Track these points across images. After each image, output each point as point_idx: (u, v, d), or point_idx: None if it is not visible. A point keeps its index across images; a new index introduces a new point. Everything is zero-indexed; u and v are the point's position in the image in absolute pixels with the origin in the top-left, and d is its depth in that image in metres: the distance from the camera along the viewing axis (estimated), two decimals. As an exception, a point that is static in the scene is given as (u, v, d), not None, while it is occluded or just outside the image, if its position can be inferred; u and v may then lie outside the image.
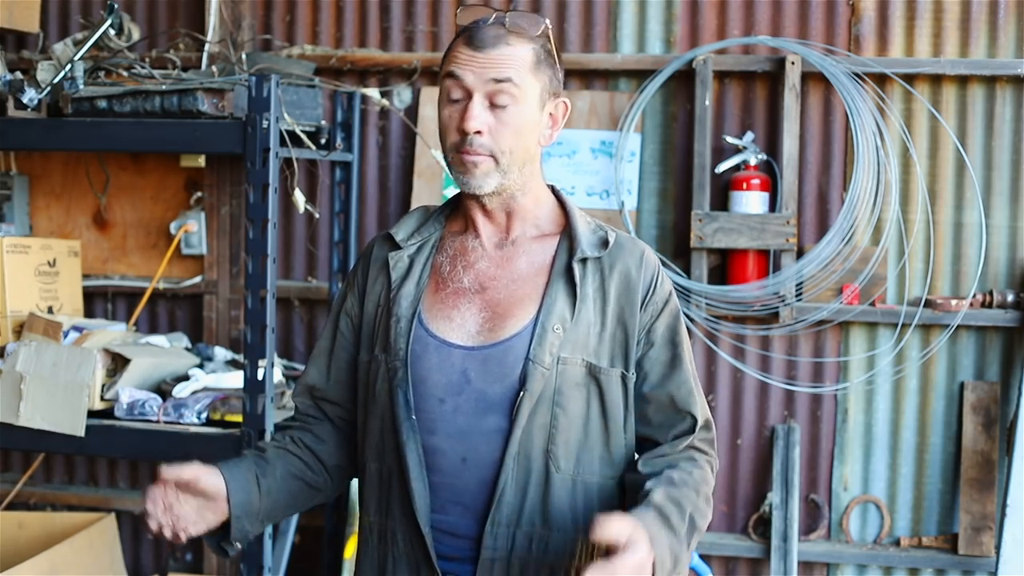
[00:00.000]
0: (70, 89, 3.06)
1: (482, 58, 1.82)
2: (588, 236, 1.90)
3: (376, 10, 3.73)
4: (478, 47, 1.82)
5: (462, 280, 1.90)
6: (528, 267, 1.90)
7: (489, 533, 1.82)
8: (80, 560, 3.52)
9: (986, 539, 3.43)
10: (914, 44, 3.47)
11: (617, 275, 1.88)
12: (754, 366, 3.54)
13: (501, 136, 1.83)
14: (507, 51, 1.82)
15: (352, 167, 3.67)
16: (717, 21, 3.55)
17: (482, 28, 1.84)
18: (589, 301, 1.86)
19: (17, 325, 3.33)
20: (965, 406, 3.46)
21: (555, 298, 1.85)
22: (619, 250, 1.90)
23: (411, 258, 1.95)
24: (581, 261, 1.87)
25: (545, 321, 1.84)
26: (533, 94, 1.85)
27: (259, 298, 2.95)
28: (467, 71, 1.82)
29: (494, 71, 1.81)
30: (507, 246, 1.92)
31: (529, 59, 1.84)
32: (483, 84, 1.82)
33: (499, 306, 1.87)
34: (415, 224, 1.99)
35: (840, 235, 3.39)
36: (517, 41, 1.83)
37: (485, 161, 1.84)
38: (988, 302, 3.42)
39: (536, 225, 1.93)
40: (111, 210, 3.86)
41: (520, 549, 1.83)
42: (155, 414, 3.07)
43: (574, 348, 1.83)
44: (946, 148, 3.47)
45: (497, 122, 1.83)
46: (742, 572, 3.61)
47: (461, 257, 1.93)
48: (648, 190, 3.60)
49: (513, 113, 1.83)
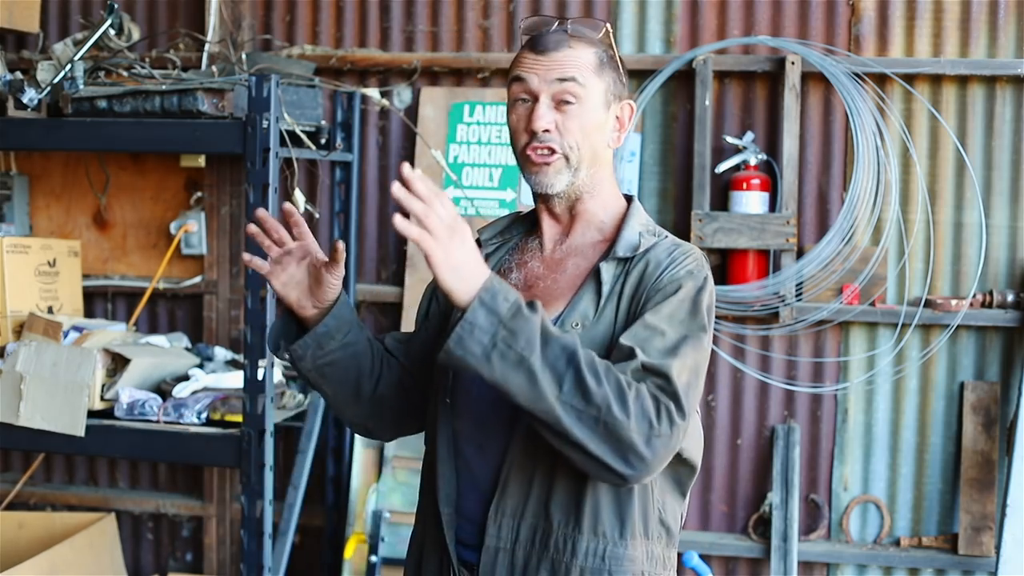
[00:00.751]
0: (70, 89, 3.06)
1: (546, 61, 1.88)
2: (628, 239, 1.91)
3: (376, 10, 3.73)
4: (541, 51, 1.88)
5: (511, 277, 1.95)
6: (574, 269, 1.93)
7: (492, 522, 1.84)
8: (80, 560, 3.52)
9: (986, 539, 3.43)
10: (914, 44, 3.47)
11: (635, 272, 1.88)
12: (754, 366, 3.54)
13: (568, 132, 1.87)
14: (570, 53, 1.88)
15: (352, 167, 3.67)
16: (717, 21, 3.55)
17: (545, 34, 1.90)
18: (614, 300, 1.87)
19: (17, 325, 3.34)
20: (965, 406, 3.46)
21: (582, 297, 1.88)
22: (650, 252, 1.90)
23: (487, 256, 2.01)
24: (613, 261, 1.88)
25: (566, 318, 1.86)
26: (597, 95, 1.89)
27: (259, 298, 2.95)
28: (532, 74, 1.88)
29: (558, 71, 1.87)
30: (563, 248, 1.95)
31: (592, 61, 1.89)
32: (548, 85, 1.87)
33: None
34: (501, 226, 2.05)
35: (840, 235, 3.39)
36: (579, 45, 1.89)
37: (556, 160, 1.88)
38: (988, 302, 3.42)
39: (599, 230, 1.95)
40: (111, 210, 3.86)
41: (524, 541, 1.84)
42: (155, 414, 3.08)
43: (592, 346, 1.82)
44: (946, 148, 3.47)
45: (564, 119, 1.87)
46: (742, 572, 3.61)
47: (519, 256, 1.98)
48: (648, 190, 3.60)
49: (578, 112, 1.87)
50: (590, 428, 1.69)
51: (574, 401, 1.68)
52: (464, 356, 1.67)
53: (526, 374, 1.67)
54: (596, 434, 1.69)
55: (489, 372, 1.68)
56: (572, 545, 1.82)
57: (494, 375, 1.68)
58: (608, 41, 1.93)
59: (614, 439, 1.69)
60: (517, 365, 1.67)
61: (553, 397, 1.68)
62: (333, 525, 3.71)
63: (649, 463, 1.71)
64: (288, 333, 1.96)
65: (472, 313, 1.66)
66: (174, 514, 3.90)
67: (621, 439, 1.69)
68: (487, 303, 1.67)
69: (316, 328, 1.91)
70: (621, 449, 1.69)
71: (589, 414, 1.68)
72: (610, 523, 1.84)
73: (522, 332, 1.67)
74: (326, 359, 1.93)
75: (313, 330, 1.91)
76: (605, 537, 1.83)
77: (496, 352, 1.67)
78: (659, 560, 1.90)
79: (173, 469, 3.92)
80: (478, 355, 1.67)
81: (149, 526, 3.94)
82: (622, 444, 1.69)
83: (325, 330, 1.91)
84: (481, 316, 1.66)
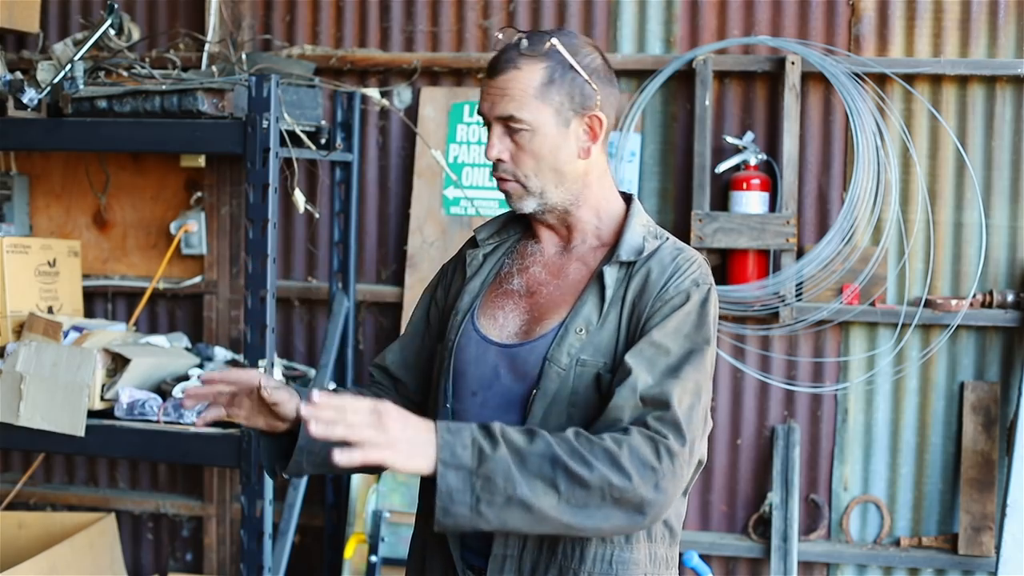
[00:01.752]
0: (70, 89, 3.06)
1: (493, 86, 1.86)
2: (631, 243, 1.89)
3: (376, 10, 3.73)
4: (490, 75, 1.87)
5: (513, 282, 1.94)
6: (576, 274, 1.92)
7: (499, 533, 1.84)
8: (80, 560, 3.52)
9: (986, 539, 3.43)
10: (914, 44, 3.47)
11: (638, 278, 1.86)
12: (754, 366, 3.54)
13: (521, 162, 1.87)
14: (513, 76, 1.84)
15: (352, 167, 3.67)
16: (717, 21, 3.55)
17: (498, 55, 1.87)
18: (617, 305, 1.86)
19: (17, 325, 3.34)
20: (965, 406, 3.46)
21: (586, 301, 1.87)
22: (654, 256, 1.88)
23: (485, 256, 2.00)
24: (616, 265, 1.87)
25: (570, 323, 1.85)
26: (544, 118, 1.86)
27: (259, 298, 2.95)
28: (483, 101, 1.88)
29: (500, 105, 1.85)
30: (564, 254, 1.95)
31: (536, 82, 1.84)
32: (493, 114, 1.87)
33: (539, 310, 1.90)
34: (498, 225, 2.03)
35: (840, 235, 3.39)
36: (526, 63, 1.85)
37: (514, 187, 1.89)
38: (988, 302, 3.42)
39: (597, 236, 1.94)
40: (111, 210, 3.86)
41: (531, 548, 1.84)
42: (155, 414, 3.08)
43: (595, 352, 1.83)
44: (946, 148, 3.47)
45: (516, 148, 1.86)
46: (742, 572, 3.61)
47: (520, 261, 1.97)
48: (648, 190, 3.61)
49: (528, 139, 1.86)
50: (600, 510, 1.68)
51: (576, 497, 1.67)
52: (456, 522, 1.66)
53: (519, 507, 1.66)
54: (608, 511, 1.69)
55: (487, 524, 1.67)
56: (580, 551, 1.82)
57: (493, 525, 1.67)
58: (562, 56, 1.86)
59: (625, 505, 1.69)
60: (507, 504, 1.66)
61: (554, 508, 1.67)
62: (333, 525, 3.71)
63: (663, 504, 1.72)
64: (277, 451, 1.95)
65: (443, 481, 1.64)
66: (174, 514, 3.90)
67: (631, 501, 1.69)
68: (450, 463, 1.65)
69: (298, 444, 1.89)
70: (635, 508, 1.70)
71: (594, 499, 1.68)
72: None
73: (496, 472, 1.65)
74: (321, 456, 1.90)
75: (297, 447, 1.89)
76: (612, 542, 1.83)
77: (483, 504, 1.65)
78: (662, 561, 1.90)
79: (173, 469, 3.92)
80: (468, 516, 1.66)
81: (149, 526, 3.94)
82: (634, 504, 1.70)
83: (306, 441, 1.88)
84: (452, 479, 1.64)
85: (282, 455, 1.95)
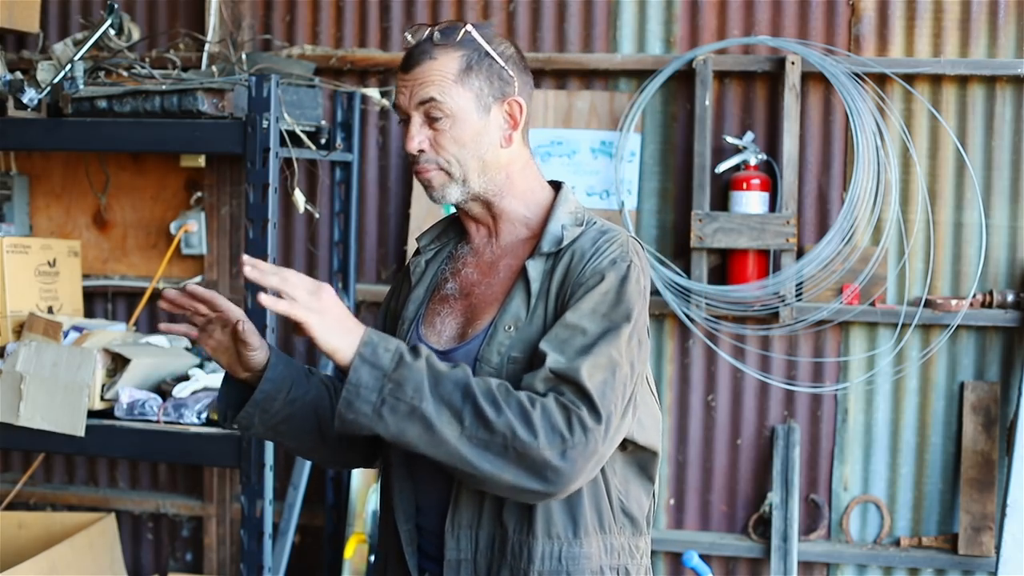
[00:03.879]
0: (70, 89, 3.06)
1: (410, 79, 1.85)
2: (552, 233, 1.86)
3: (376, 10, 3.73)
4: (406, 69, 1.86)
5: (448, 286, 1.93)
6: (506, 271, 1.90)
7: (450, 534, 1.84)
8: (80, 560, 3.52)
9: (986, 539, 3.43)
10: (914, 44, 3.47)
11: (560, 268, 1.84)
12: (754, 366, 3.54)
13: (442, 148, 1.85)
14: (430, 66, 1.84)
15: (352, 167, 3.67)
16: (717, 21, 3.55)
17: (411, 50, 1.87)
18: (543, 298, 1.83)
19: (17, 325, 3.34)
20: (965, 406, 3.46)
21: (513, 298, 1.84)
22: (576, 242, 1.85)
23: (427, 263, 1.99)
24: (540, 258, 1.85)
25: (499, 322, 1.83)
26: (465, 104, 1.85)
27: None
28: (400, 95, 1.87)
29: (420, 91, 1.84)
30: (494, 251, 1.93)
31: (454, 69, 1.84)
32: (415, 105, 1.85)
33: (473, 311, 1.89)
34: (438, 231, 2.02)
35: (840, 235, 3.39)
36: (442, 53, 1.85)
37: (437, 175, 1.87)
38: (988, 302, 3.42)
39: (526, 226, 1.92)
40: (111, 210, 3.86)
41: (484, 549, 1.83)
42: (155, 414, 3.08)
43: (526, 347, 1.81)
44: (946, 148, 3.47)
45: (436, 136, 1.85)
46: (742, 572, 3.61)
47: (453, 264, 1.96)
48: (648, 190, 3.60)
49: (448, 126, 1.84)
50: (499, 457, 1.67)
51: (478, 434, 1.66)
52: (356, 419, 1.66)
53: (420, 422, 1.66)
54: (507, 461, 1.67)
55: (384, 429, 1.66)
56: (528, 551, 1.81)
57: (389, 431, 1.66)
58: (477, 44, 1.86)
59: (527, 462, 1.67)
60: (409, 415, 1.66)
61: (454, 437, 1.66)
62: (333, 525, 3.71)
63: (568, 475, 1.69)
64: (234, 398, 1.91)
65: (355, 373, 1.65)
66: (174, 514, 3.90)
67: (534, 460, 1.67)
68: (368, 358, 1.65)
69: (253, 396, 1.85)
70: (536, 469, 1.67)
71: (495, 443, 1.66)
72: (563, 524, 1.82)
73: (408, 380, 1.65)
74: (275, 419, 1.88)
75: (251, 399, 1.85)
76: (559, 539, 1.82)
77: (386, 407, 1.65)
78: (623, 551, 1.88)
79: (173, 469, 3.92)
80: (369, 415, 1.65)
81: (149, 526, 3.94)
82: (536, 464, 1.67)
83: (263, 396, 1.85)
84: (364, 373, 1.65)
85: (238, 404, 1.89)
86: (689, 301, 3.44)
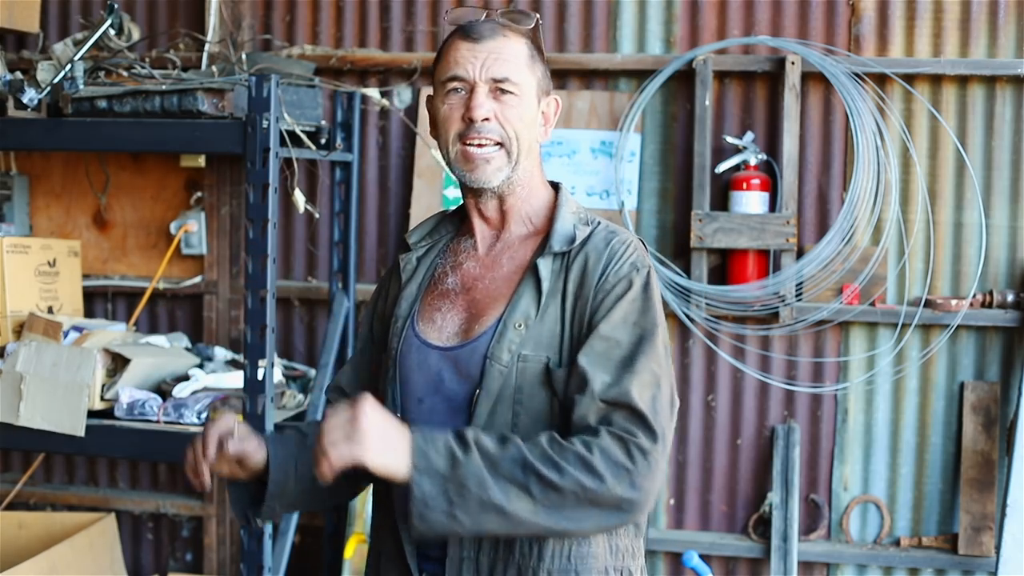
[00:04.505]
0: (70, 89, 3.06)
1: (480, 50, 1.84)
2: (562, 232, 1.87)
3: (376, 10, 3.73)
4: (476, 39, 1.84)
5: (448, 281, 1.92)
6: (509, 266, 1.90)
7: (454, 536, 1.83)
8: (80, 560, 3.52)
9: (986, 539, 3.43)
10: (914, 44, 3.47)
11: (576, 268, 1.84)
12: (754, 366, 3.54)
13: (507, 122, 1.84)
14: (504, 43, 1.85)
15: (352, 167, 3.67)
16: (717, 21, 3.55)
17: (477, 23, 1.87)
18: (557, 297, 1.84)
19: (17, 325, 3.33)
20: (965, 406, 3.46)
21: (522, 295, 1.84)
22: (587, 243, 1.86)
23: (418, 260, 1.98)
24: (550, 256, 1.85)
25: (508, 319, 1.83)
26: (530, 88, 1.87)
27: (259, 298, 2.95)
28: (467, 63, 1.83)
29: (495, 66, 1.83)
30: (497, 246, 1.92)
31: (524, 53, 1.87)
32: (485, 73, 1.83)
33: (476, 306, 1.88)
34: (429, 227, 2.01)
35: (840, 235, 3.39)
36: (512, 35, 1.87)
37: (495, 150, 1.85)
38: (988, 302, 3.42)
39: (530, 222, 1.92)
40: (111, 210, 3.86)
41: (488, 548, 1.83)
42: (155, 414, 3.08)
43: (537, 346, 1.81)
44: (946, 148, 3.47)
45: (503, 108, 1.84)
46: (742, 572, 3.61)
47: (452, 258, 1.95)
48: (648, 190, 3.60)
49: (517, 102, 1.85)
50: (576, 511, 1.69)
51: (550, 500, 1.68)
52: (431, 528, 1.67)
53: (493, 511, 1.67)
54: (585, 512, 1.69)
55: (462, 528, 1.68)
56: (538, 549, 1.81)
57: (467, 528, 1.68)
58: (537, 35, 1.89)
59: (602, 505, 1.70)
60: (481, 508, 1.67)
61: (529, 512, 1.68)
62: (333, 525, 3.71)
63: (643, 501, 1.72)
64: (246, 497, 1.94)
65: (417, 488, 1.65)
66: (174, 514, 3.90)
67: (608, 501, 1.69)
68: (424, 469, 1.66)
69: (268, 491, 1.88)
70: (613, 507, 1.70)
71: (568, 502, 1.68)
72: None
73: (469, 476, 1.66)
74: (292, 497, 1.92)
75: (268, 494, 1.88)
76: (570, 538, 1.82)
77: (458, 509, 1.66)
78: (626, 552, 1.89)
79: (173, 469, 3.92)
80: (444, 521, 1.66)
81: (149, 526, 3.94)
82: (611, 504, 1.70)
83: (277, 488, 1.89)
84: (426, 485, 1.65)
85: (252, 502, 1.94)
86: (689, 301, 3.44)
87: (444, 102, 1.86)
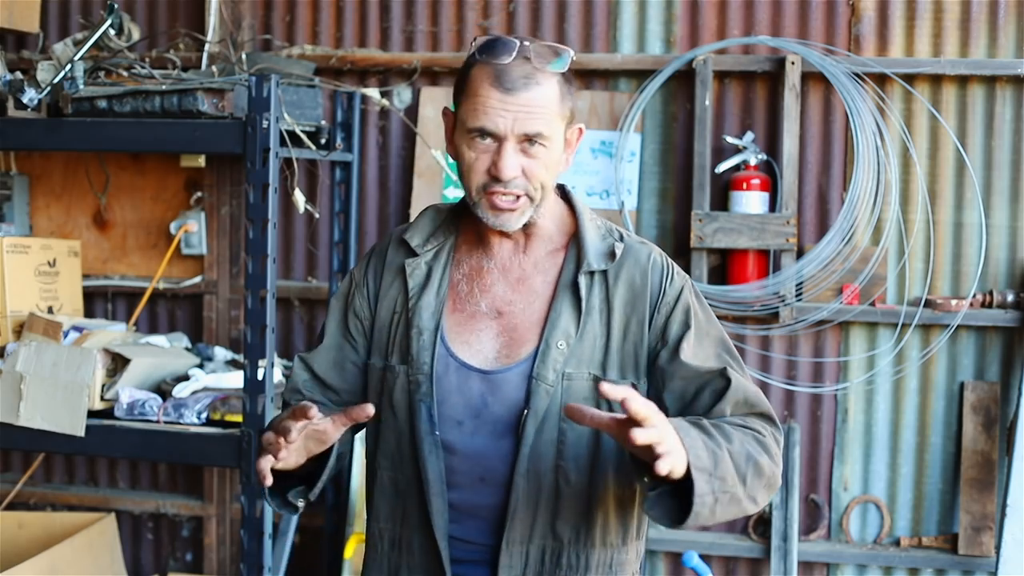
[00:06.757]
0: (70, 89, 3.06)
1: (512, 103, 1.75)
2: (596, 246, 1.87)
3: (376, 10, 3.73)
4: (508, 90, 1.75)
5: (479, 304, 1.88)
6: (540, 285, 1.88)
7: (505, 552, 1.84)
8: (80, 560, 3.52)
9: (986, 539, 3.43)
10: (914, 44, 3.47)
11: (622, 285, 1.86)
12: (754, 366, 3.54)
13: (535, 175, 1.79)
14: (537, 94, 1.76)
15: (352, 167, 3.67)
16: (717, 21, 3.55)
17: (509, 68, 1.76)
18: (595, 314, 1.85)
19: (17, 325, 3.34)
20: (965, 406, 3.46)
21: (560, 312, 1.84)
22: (625, 259, 1.87)
23: (428, 266, 1.92)
24: (588, 274, 1.85)
25: (549, 338, 1.83)
26: (559, 131, 1.81)
27: (259, 298, 2.95)
28: (499, 116, 1.75)
29: (528, 122, 1.75)
30: (523, 266, 1.90)
31: (556, 96, 1.78)
32: (516, 130, 1.76)
33: (515, 331, 1.87)
34: (429, 228, 1.95)
35: (840, 235, 3.39)
36: (545, 78, 1.77)
37: (523, 202, 1.81)
38: (988, 302, 3.42)
39: (550, 239, 1.91)
40: (111, 210, 3.86)
41: (534, 562, 1.84)
42: (155, 414, 3.08)
43: (580, 363, 1.82)
44: (946, 148, 3.47)
45: (531, 163, 1.79)
46: (742, 572, 3.61)
47: (477, 280, 1.90)
48: (648, 190, 3.61)
49: (544, 154, 1.79)
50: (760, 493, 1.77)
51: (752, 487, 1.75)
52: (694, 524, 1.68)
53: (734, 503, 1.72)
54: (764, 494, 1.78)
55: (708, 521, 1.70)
56: (585, 559, 1.84)
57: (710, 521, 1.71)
58: (569, 69, 1.82)
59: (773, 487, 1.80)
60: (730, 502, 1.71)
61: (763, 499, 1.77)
62: (333, 525, 3.71)
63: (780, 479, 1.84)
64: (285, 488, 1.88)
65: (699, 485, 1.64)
66: (174, 514, 3.90)
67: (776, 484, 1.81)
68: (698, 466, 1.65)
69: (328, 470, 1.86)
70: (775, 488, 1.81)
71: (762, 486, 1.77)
72: (617, 531, 1.87)
73: (727, 473, 1.70)
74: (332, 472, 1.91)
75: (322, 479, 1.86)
76: (612, 546, 1.86)
77: (719, 504, 1.69)
78: (639, 555, 1.94)
79: (173, 469, 3.92)
80: (707, 516, 1.69)
81: (149, 526, 3.94)
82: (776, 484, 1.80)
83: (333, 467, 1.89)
84: (702, 482, 1.65)
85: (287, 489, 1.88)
86: (689, 301, 3.44)
87: (470, 148, 1.79)
